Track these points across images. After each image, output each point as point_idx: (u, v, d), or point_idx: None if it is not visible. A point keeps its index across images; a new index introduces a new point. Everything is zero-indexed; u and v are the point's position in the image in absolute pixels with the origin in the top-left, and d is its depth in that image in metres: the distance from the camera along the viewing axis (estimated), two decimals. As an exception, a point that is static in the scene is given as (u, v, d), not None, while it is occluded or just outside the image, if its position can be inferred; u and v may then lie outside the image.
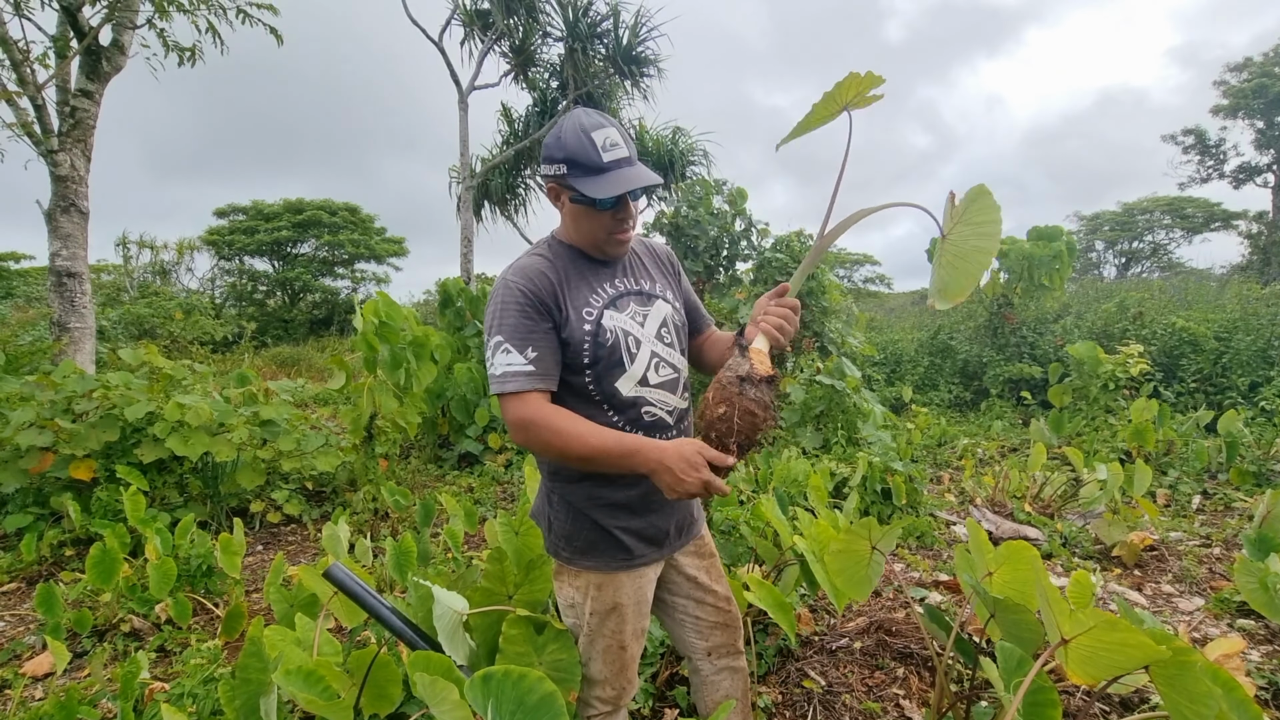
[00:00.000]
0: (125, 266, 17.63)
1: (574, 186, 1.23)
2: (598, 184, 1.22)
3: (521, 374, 1.24)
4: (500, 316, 1.26)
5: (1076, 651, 1.19)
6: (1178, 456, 5.16)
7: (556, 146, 1.24)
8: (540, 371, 1.25)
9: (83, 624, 2.56)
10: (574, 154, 1.22)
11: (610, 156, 1.23)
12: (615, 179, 1.23)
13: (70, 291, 5.29)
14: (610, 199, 1.24)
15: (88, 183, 5.43)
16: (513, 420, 1.24)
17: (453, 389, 5.76)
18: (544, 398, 1.26)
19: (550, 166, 1.27)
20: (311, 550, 3.87)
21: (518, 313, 1.26)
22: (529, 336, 1.25)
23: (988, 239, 1.27)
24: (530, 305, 1.26)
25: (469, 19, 10.41)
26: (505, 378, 1.24)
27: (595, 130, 1.23)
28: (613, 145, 1.24)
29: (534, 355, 1.25)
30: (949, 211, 1.31)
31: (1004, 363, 8.70)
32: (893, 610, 2.77)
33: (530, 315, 1.26)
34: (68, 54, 5.37)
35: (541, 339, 1.26)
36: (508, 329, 1.25)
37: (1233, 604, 2.78)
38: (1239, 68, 21.64)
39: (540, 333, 1.26)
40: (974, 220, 1.29)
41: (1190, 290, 10.67)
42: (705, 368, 1.60)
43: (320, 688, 1.29)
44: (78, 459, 3.58)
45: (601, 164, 1.22)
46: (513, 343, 1.25)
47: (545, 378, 1.26)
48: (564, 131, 1.24)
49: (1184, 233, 26.86)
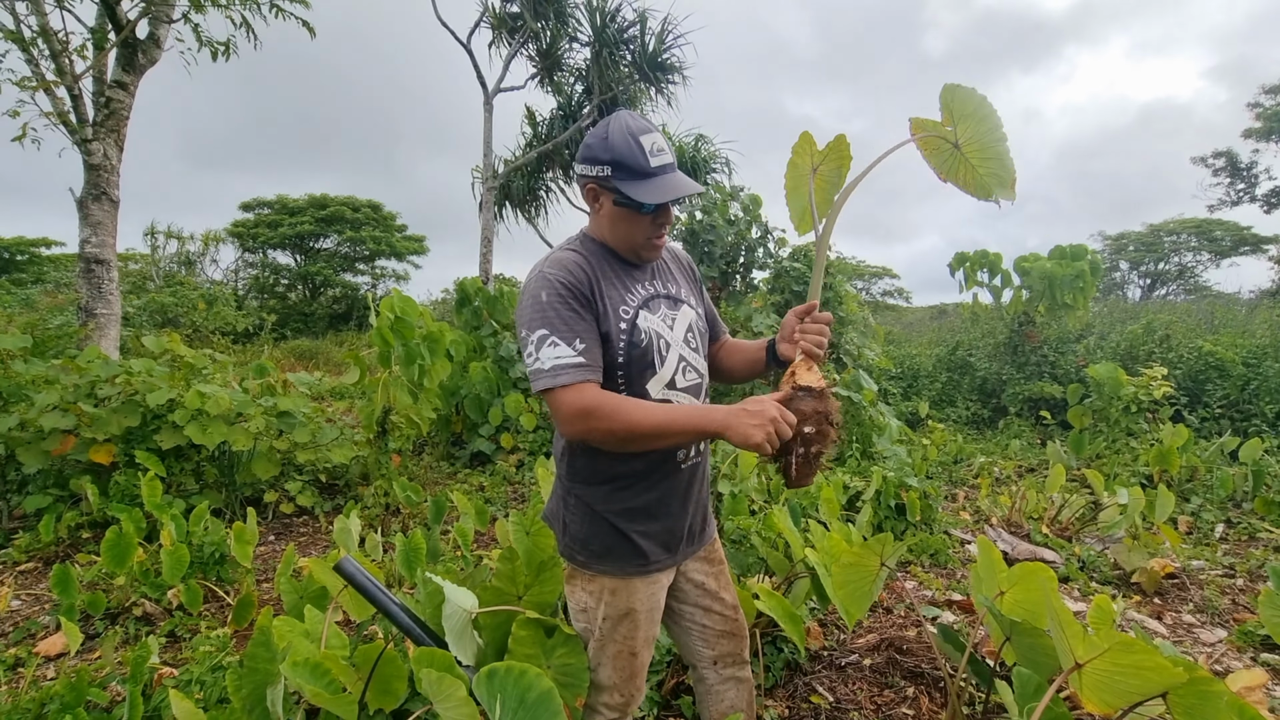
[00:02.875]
0: (152, 256, 17.96)
1: (620, 189, 1.23)
2: (645, 189, 1.22)
3: (573, 365, 1.20)
4: (542, 309, 1.23)
5: (1091, 676, 1.15)
6: (1201, 483, 5.04)
7: (602, 148, 1.23)
8: (590, 362, 1.22)
9: (96, 606, 2.59)
10: (621, 157, 1.22)
11: (657, 162, 1.23)
12: (662, 185, 1.23)
13: (98, 278, 5.38)
14: (653, 204, 1.24)
15: (119, 172, 5.54)
16: (571, 412, 1.19)
17: (468, 387, 5.78)
18: (597, 388, 1.23)
19: (593, 167, 1.25)
20: (323, 542, 3.90)
21: (561, 305, 1.23)
22: (575, 328, 1.23)
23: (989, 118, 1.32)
24: (573, 297, 1.24)
25: (498, 22, 10.51)
26: (556, 371, 1.19)
27: (643, 135, 1.23)
28: (659, 151, 1.24)
29: (582, 346, 1.22)
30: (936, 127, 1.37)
31: (1023, 381, 8.57)
32: (904, 628, 2.73)
33: (573, 307, 1.24)
34: (105, 46, 5.48)
35: (587, 330, 1.24)
36: (551, 321, 1.22)
37: (1257, 637, 2.70)
38: (1275, 89, 21.24)
39: (586, 324, 1.24)
40: (966, 113, 1.34)
41: (1218, 314, 10.45)
42: (720, 375, 1.59)
43: (326, 680, 1.29)
44: (98, 443, 3.64)
45: (649, 169, 1.22)
46: (559, 335, 1.21)
47: (595, 369, 1.23)
48: (611, 133, 1.23)
49: (1211, 256, 26.36)
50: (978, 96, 1.32)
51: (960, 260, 9.37)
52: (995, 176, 1.36)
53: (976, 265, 9.28)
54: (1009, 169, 1.34)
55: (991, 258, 9.19)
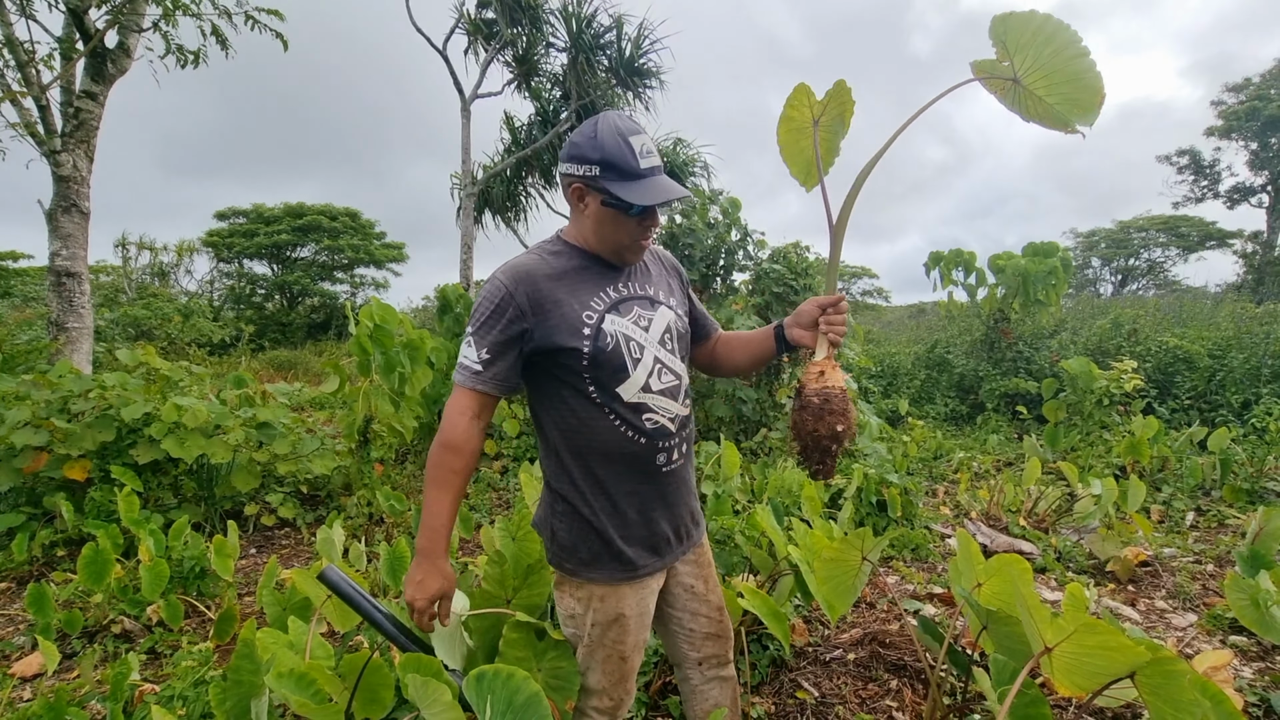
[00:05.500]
0: (124, 267, 17.63)
1: (609, 190, 1.23)
2: (634, 190, 1.23)
3: (468, 370, 1.28)
4: (478, 309, 1.29)
5: (1061, 660, 1.19)
6: (1172, 473, 5.18)
7: (591, 147, 1.23)
8: (486, 375, 1.27)
9: (73, 625, 2.55)
10: (611, 157, 1.22)
11: (646, 164, 1.24)
12: (651, 186, 1.25)
13: (69, 291, 5.28)
14: (642, 206, 1.25)
15: (89, 183, 5.44)
16: (448, 409, 1.30)
17: (449, 394, 5.75)
18: (484, 401, 1.29)
19: (580, 166, 1.25)
20: (305, 554, 3.86)
21: (489, 311, 1.27)
22: (488, 337, 1.27)
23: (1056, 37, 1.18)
24: (503, 308, 1.26)
25: (473, 28, 10.48)
26: (459, 369, 1.30)
27: (632, 136, 1.24)
28: (648, 153, 1.25)
29: (486, 358, 1.27)
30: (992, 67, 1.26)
31: (1000, 377, 8.72)
32: (887, 622, 2.77)
33: (498, 318, 1.26)
34: (73, 56, 5.40)
35: (501, 345, 1.27)
36: (476, 322, 1.28)
37: (1225, 621, 2.78)
38: (1238, 88, 21.87)
39: (502, 337, 1.27)
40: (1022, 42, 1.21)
41: (1185, 308, 10.73)
42: (723, 369, 1.60)
43: (312, 691, 1.29)
44: (72, 459, 3.57)
45: (638, 170, 1.23)
46: (475, 339, 1.28)
47: (488, 381, 1.28)
48: (600, 133, 1.24)
49: (1179, 251, 27.06)
50: (1039, 17, 1.19)
51: (935, 259, 9.52)
52: (1070, 101, 1.22)
53: (951, 264, 9.42)
54: (1088, 87, 1.19)
55: (966, 256, 9.34)
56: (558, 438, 1.35)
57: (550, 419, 1.36)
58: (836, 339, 1.33)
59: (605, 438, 1.32)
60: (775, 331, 1.46)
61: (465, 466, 1.29)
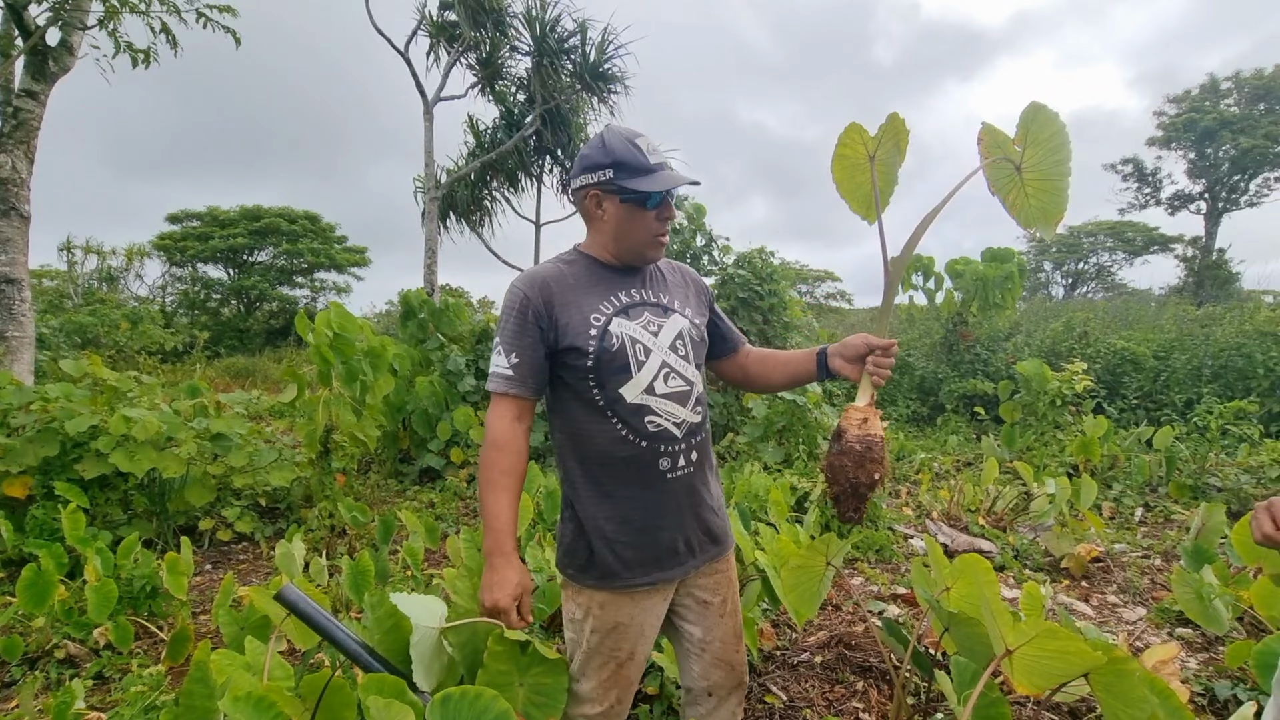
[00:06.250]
0: (69, 272, 16.90)
1: (625, 186, 1.30)
2: (648, 181, 1.31)
3: (500, 376, 1.34)
4: (503, 319, 1.36)
5: (1021, 661, 1.23)
6: (1121, 471, 5.38)
7: (602, 154, 1.32)
8: (518, 377, 1.33)
9: (12, 651, 2.42)
10: (622, 158, 1.31)
11: (654, 159, 1.33)
12: (663, 177, 1.32)
13: (8, 299, 5.04)
14: (658, 197, 1.33)
15: (30, 185, 5.21)
16: (489, 417, 1.35)
17: (414, 402, 5.66)
18: (521, 405, 1.35)
19: (594, 174, 1.33)
20: (264, 569, 3.74)
21: (511, 317, 1.34)
22: (515, 342, 1.33)
23: (1061, 149, 1.27)
24: (524, 311, 1.33)
25: (435, 30, 10.36)
26: (491, 377, 1.35)
27: (637, 138, 1.34)
28: (654, 150, 1.34)
29: (515, 361, 1.33)
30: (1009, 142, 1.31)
31: (959, 379, 8.95)
32: (852, 624, 2.81)
33: (521, 322, 1.33)
34: (11, 53, 5.17)
35: (527, 347, 1.33)
36: (503, 330, 1.35)
37: (1172, 613, 2.90)
38: (1178, 100, 22.92)
39: (527, 340, 1.33)
40: (1040, 139, 1.29)
41: (1131, 311, 11.17)
42: (755, 384, 1.63)
43: (271, 714, 1.25)
44: (12, 475, 3.40)
45: (649, 165, 1.31)
46: (504, 345, 1.34)
47: (521, 384, 1.33)
48: (608, 140, 1.33)
49: (1126, 255, 28.23)
50: (1058, 124, 1.27)
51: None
52: (1044, 210, 1.32)
53: (911, 269, 9.63)
54: (1060, 205, 1.31)
55: (925, 261, 9.56)
56: (565, 442, 1.40)
57: (559, 424, 1.41)
58: (879, 381, 1.36)
59: (606, 440, 1.33)
60: (818, 357, 1.47)
61: (513, 466, 1.33)
